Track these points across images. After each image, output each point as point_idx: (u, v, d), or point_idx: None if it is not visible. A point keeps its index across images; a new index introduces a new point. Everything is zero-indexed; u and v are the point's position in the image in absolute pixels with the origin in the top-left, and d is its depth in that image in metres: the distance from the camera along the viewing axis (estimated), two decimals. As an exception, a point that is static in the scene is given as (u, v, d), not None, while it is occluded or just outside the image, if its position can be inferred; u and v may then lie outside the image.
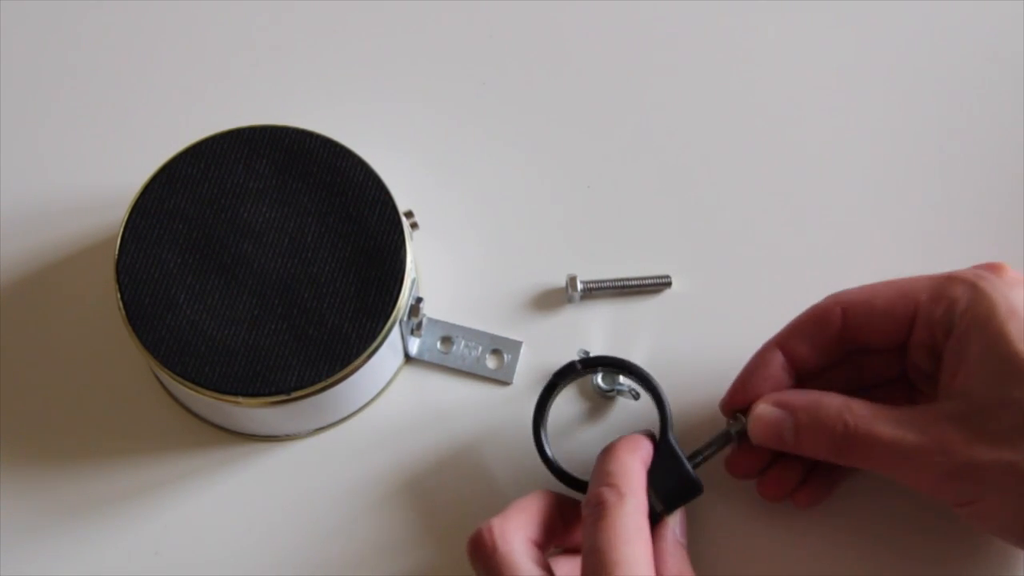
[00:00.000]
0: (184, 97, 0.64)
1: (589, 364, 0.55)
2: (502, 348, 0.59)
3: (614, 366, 0.55)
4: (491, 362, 0.59)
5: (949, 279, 0.50)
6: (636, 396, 0.57)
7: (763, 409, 0.51)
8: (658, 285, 0.60)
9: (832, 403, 0.50)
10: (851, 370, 0.54)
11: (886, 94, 0.64)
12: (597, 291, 0.59)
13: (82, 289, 0.60)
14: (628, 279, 0.60)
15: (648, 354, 0.59)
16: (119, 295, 0.54)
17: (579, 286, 0.59)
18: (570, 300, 0.60)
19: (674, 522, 0.52)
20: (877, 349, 0.52)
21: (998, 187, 0.62)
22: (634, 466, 0.51)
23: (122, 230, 0.55)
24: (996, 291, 0.48)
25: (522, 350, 0.59)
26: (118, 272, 0.55)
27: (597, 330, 0.59)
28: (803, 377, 0.53)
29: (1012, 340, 0.47)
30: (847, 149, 0.63)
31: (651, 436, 0.53)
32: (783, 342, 0.53)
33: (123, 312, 0.54)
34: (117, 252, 0.55)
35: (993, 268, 0.50)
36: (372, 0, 0.65)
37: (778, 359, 0.53)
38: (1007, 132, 0.62)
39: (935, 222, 0.61)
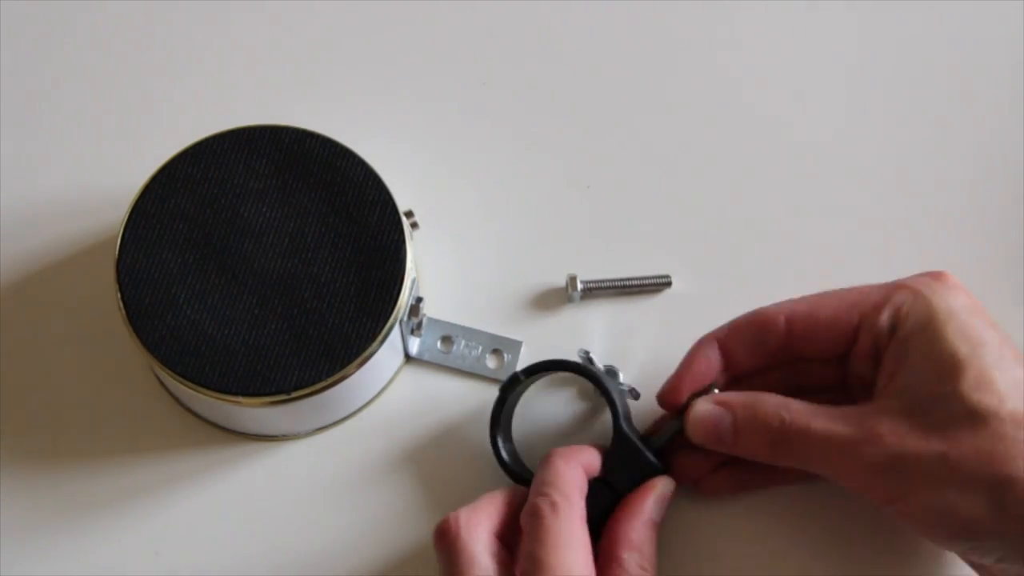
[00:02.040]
0: (184, 97, 0.64)
1: (531, 372, 0.55)
2: (502, 348, 0.59)
3: (554, 368, 0.55)
4: (491, 362, 0.59)
5: (893, 287, 0.51)
6: (636, 396, 0.57)
7: (701, 407, 0.52)
8: (658, 285, 0.60)
9: (770, 400, 0.51)
10: (789, 376, 0.54)
11: (888, 94, 0.64)
12: (597, 291, 0.59)
13: (82, 289, 0.60)
14: (628, 279, 0.60)
15: (648, 354, 0.59)
16: (119, 295, 0.54)
17: (579, 286, 0.59)
18: (570, 300, 0.60)
19: (652, 500, 0.52)
20: (817, 359, 0.53)
21: (999, 190, 0.62)
22: (568, 474, 0.51)
23: (122, 230, 0.55)
24: (935, 295, 0.49)
25: (522, 350, 0.59)
26: (118, 272, 0.55)
27: (597, 330, 0.59)
28: (738, 377, 0.54)
29: (949, 339, 0.48)
30: (848, 149, 0.63)
31: (598, 446, 0.53)
32: (722, 340, 0.53)
33: (123, 312, 0.54)
34: (117, 252, 0.55)
35: (935, 276, 0.51)
36: (372, 0, 0.65)
37: (715, 356, 0.53)
38: (1009, 134, 0.63)
39: (935, 219, 0.61)
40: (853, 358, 0.52)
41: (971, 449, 0.46)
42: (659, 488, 0.52)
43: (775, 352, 0.53)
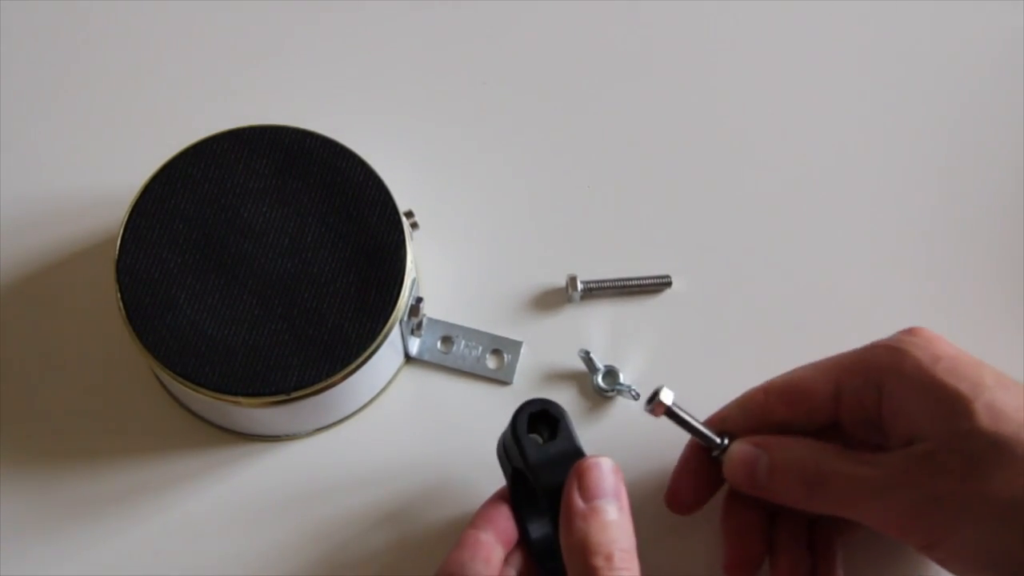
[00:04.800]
0: (184, 97, 0.64)
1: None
2: (502, 348, 0.59)
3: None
4: (491, 362, 0.59)
5: (867, 348, 0.51)
6: (636, 396, 0.57)
7: (738, 446, 0.51)
8: (658, 285, 0.60)
9: (804, 443, 0.50)
10: None
11: (889, 94, 0.64)
12: (597, 291, 0.59)
13: (82, 289, 0.60)
14: (628, 279, 0.60)
15: (648, 354, 0.59)
16: (119, 295, 0.54)
17: (579, 286, 0.59)
18: (570, 300, 0.60)
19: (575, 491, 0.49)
20: (809, 428, 0.52)
21: (1004, 192, 0.62)
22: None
23: (122, 230, 0.55)
24: (916, 346, 0.49)
25: (522, 350, 0.59)
26: (118, 272, 0.55)
27: (597, 330, 0.59)
28: None
29: (945, 381, 0.47)
30: (847, 149, 0.63)
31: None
32: (721, 424, 0.53)
33: (123, 312, 0.54)
34: (117, 252, 0.55)
35: (909, 331, 0.50)
36: (372, 0, 0.65)
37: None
38: (1013, 138, 0.63)
39: (934, 219, 0.61)
40: (843, 425, 0.51)
41: (1003, 482, 0.46)
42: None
43: (769, 427, 0.52)
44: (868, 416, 0.50)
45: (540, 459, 0.49)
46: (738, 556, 0.53)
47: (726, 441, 0.52)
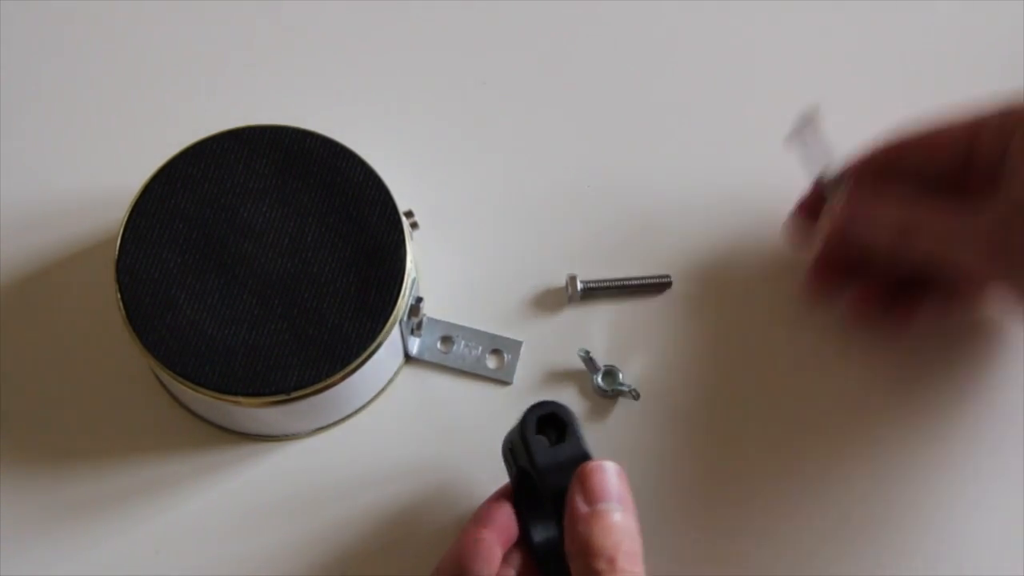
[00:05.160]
0: (184, 97, 0.64)
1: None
2: (502, 348, 0.59)
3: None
4: (491, 362, 0.59)
5: (1007, 103, 0.52)
6: (636, 396, 0.57)
7: (839, 197, 0.54)
8: (658, 285, 0.60)
9: (901, 191, 0.53)
10: None
11: (887, 93, 0.64)
12: (597, 291, 0.59)
13: (82, 289, 0.60)
14: (628, 279, 0.60)
15: (648, 354, 0.59)
16: (119, 295, 0.54)
17: (579, 286, 0.59)
18: (570, 300, 0.60)
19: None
20: (935, 177, 0.53)
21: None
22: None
23: (122, 230, 0.55)
24: None
25: (522, 350, 0.59)
26: (118, 272, 0.55)
27: (597, 330, 0.59)
28: None
29: None
30: (847, 149, 0.63)
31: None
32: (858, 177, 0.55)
33: (123, 312, 0.54)
34: (117, 252, 0.55)
35: None
36: (373, 0, 0.65)
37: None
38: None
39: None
40: (968, 180, 0.52)
41: None
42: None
43: (896, 171, 0.54)
44: (991, 169, 0.51)
45: (547, 462, 0.49)
46: (823, 264, 0.56)
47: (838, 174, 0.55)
